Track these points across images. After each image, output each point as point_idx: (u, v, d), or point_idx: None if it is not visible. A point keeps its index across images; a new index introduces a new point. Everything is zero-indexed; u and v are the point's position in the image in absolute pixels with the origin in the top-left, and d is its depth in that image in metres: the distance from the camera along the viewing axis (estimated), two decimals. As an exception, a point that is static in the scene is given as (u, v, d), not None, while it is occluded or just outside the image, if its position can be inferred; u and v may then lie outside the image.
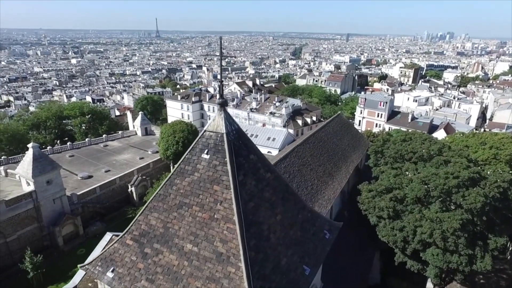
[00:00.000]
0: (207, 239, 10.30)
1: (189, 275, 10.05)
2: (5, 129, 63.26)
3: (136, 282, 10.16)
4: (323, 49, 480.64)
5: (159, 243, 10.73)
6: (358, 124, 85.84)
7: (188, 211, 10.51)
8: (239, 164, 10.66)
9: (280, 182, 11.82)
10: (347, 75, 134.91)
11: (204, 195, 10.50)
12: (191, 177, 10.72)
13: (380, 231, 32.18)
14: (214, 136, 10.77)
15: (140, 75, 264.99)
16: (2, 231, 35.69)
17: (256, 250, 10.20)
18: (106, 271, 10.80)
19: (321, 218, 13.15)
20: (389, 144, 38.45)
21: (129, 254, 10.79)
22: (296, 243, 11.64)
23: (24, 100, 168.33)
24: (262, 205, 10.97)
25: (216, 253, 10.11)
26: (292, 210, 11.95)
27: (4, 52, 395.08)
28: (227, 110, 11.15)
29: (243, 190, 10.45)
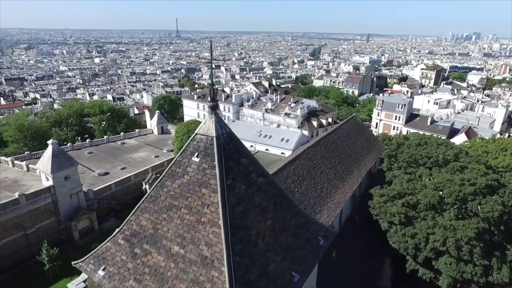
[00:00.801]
0: (193, 242, 10.30)
1: (174, 277, 10.15)
2: (30, 125, 65.87)
3: (125, 281, 10.38)
4: (342, 50, 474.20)
5: (149, 243, 10.86)
6: (375, 127, 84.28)
7: (177, 213, 10.62)
8: (228, 168, 10.60)
9: (273, 187, 11.73)
10: (365, 76, 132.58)
11: (193, 198, 10.54)
12: (181, 179, 10.83)
13: (391, 237, 31.51)
14: (204, 139, 10.83)
15: (160, 74, 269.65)
16: (22, 224, 37.25)
17: (241, 255, 10.11)
18: (98, 269, 11.09)
19: (316, 224, 12.99)
20: (404, 148, 37.57)
21: (120, 254, 11.04)
22: (287, 249, 11.50)
23: (49, 97, 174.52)
24: (252, 210, 10.87)
25: (201, 257, 10.11)
26: (285, 215, 11.83)
27: (33, 51, 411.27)
28: (218, 114, 11.20)
29: (231, 194, 10.39)
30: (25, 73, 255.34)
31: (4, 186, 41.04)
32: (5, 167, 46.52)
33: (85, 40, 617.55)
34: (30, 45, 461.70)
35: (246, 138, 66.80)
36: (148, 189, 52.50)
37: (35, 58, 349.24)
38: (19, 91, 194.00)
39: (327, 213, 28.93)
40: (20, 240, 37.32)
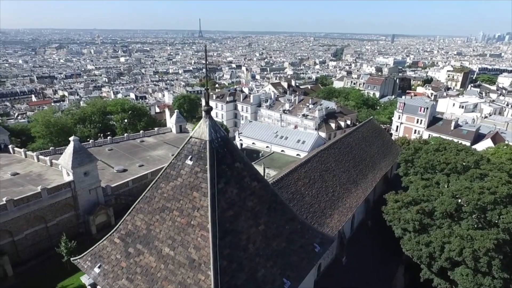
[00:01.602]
0: (182, 245, 10.43)
1: (164, 278, 10.32)
2: (55, 122, 68.82)
3: (118, 280, 10.67)
4: (365, 51, 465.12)
5: (142, 244, 11.11)
6: (396, 130, 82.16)
7: (169, 215, 10.80)
8: (221, 172, 10.65)
9: (267, 192, 11.66)
10: (387, 78, 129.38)
11: (184, 200, 10.69)
12: (175, 182, 11.00)
13: (404, 244, 30.67)
14: (198, 143, 10.94)
15: (182, 73, 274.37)
16: (43, 216, 38.94)
17: (229, 259, 10.10)
18: (94, 266, 11.47)
19: (313, 231, 12.80)
20: (421, 153, 36.41)
21: (115, 252, 11.35)
22: (279, 255, 11.40)
23: (77, 95, 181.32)
24: (243, 214, 10.86)
25: (189, 259, 10.20)
26: (279, 220, 11.74)
27: (63, 50, 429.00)
28: (213, 118, 11.28)
29: (222, 198, 10.43)
30: (55, 71, 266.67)
31: (29, 179, 43.02)
32: (31, 161, 48.75)
33: (112, 40, 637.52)
34: (61, 45, 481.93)
35: (262, 138, 66.96)
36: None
37: (65, 57, 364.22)
38: (49, 89, 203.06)
39: (338, 217, 28.49)
40: (42, 232, 39.02)
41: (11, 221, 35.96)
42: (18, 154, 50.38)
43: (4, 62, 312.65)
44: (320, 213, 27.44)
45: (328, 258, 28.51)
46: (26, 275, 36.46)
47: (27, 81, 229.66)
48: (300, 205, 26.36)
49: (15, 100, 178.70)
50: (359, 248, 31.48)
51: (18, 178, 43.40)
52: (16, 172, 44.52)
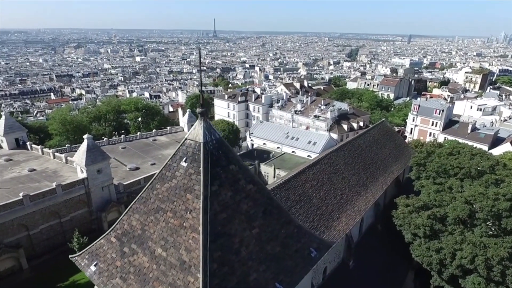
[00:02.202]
0: (174, 246, 10.49)
1: (155, 278, 10.43)
2: (71, 120, 70.55)
3: (112, 278, 10.85)
4: (381, 51, 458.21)
5: (136, 244, 11.24)
6: (410, 132, 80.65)
7: (163, 216, 10.90)
8: (215, 174, 10.66)
9: (263, 195, 11.60)
10: (402, 79, 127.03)
11: (178, 202, 10.76)
12: (170, 183, 11.09)
13: (414, 250, 30.12)
14: (193, 145, 10.97)
15: (196, 73, 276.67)
16: (58, 212, 40.05)
17: (220, 262, 10.08)
18: (91, 264, 11.71)
19: (310, 235, 12.66)
20: (434, 157, 35.63)
21: (111, 251, 11.55)
22: (272, 259, 11.32)
23: (93, 93, 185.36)
24: (237, 217, 10.84)
25: (180, 261, 10.25)
26: (274, 224, 11.65)
27: (81, 50, 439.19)
28: (207, 119, 11.30)
29: (215, 200, 10.43)
30: (73, 70, 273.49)
31: (45, 176, 44.30)
32: (47, 158, 50.16)
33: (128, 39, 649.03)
34: (79, 44, 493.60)
35: (273, 139, 66.89)
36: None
37: (83, 56, 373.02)
38: (67, 87, 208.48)
39: (346, 220, 28.21)
40: (56, 227, 40.15)
41: (27, 215, 37.17)
42: (35, 150, 51.92)
43: (25, 61, 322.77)
44: (327, 216, 27.24)
45: (335, 261, 28.28)
46: (40, 268, 37.57)
47: (47, 80, 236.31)
48: (307, 208, 26.24)
49: (35, 98, 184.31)
50: (367, 252, 31.08)
51: (35, 174, 44.76)
52: (33, 168, 45.91)
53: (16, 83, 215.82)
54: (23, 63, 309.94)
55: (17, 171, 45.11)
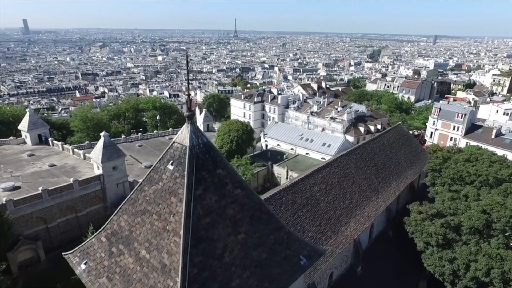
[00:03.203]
0: (157, 249, 10.58)
1: (138, 280, 10.57)
2: (92, 117, 72.85)
3: (99, 277, 11.10)
4: (404, 52, 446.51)
5: (123, 244, 11.43)
6: (430, 136, 78.19)
7: (149, 218, 11.02)
8: (200, 178, 10.68)
9: (251, 200, 11.49)
10: (424, 81, 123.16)
11: (163, 205, 10.84)
12: (157, 185, 11.21)
13: (426, 259, 29.23)
14: (180, 148, 11.03)
15: (215, 73, 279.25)
16: (74, 207, 41.48)
17: (201, 267, 10.08)
18: (81, 262, 12.04)
19: (301, 243, 12.43)
20: (450, 163, 34.36)
21: (100, 251, 11.83)
22: (258, 265, 11.22)
23: (115, 92, 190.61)
24: (221, 222, 10.83)
25: (161, 264, 10.33)
26: (262, 230, 11.52)
27: (106, 49, 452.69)
28: (195, 123, 11.33)
29: (199, 204, 10.45)
30: (98, 69, 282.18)
31: (64, 171, 45.96)
32: (67, 154, 52.01)
33: (151, 39, 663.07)
34: (104, 44, 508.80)
35: (287, 140, 66.59)
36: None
37: (107, 55, 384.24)
38: (91, 85, 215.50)
39: (354, 225, 27.70)
40: (72, 221, 41.59)
41: (45, 209, 38.68)
42: (56, 146, 53.95)
43: (54, 59, 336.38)
44: (335, 220, 26.85)
45: (342, 267, 27.83)
46: (56, 260, 38.88)
47: (73, 78, 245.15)
48: (314, 211, 25.96)
49: (61, 95, 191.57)
50: (377, 259, 30.39)
51: (54, 169, 46.51)
52: (53, 164, 47.71)
53: (44, 81, 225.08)
54: (52, 61, 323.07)
55: (38, 166, 47.02)
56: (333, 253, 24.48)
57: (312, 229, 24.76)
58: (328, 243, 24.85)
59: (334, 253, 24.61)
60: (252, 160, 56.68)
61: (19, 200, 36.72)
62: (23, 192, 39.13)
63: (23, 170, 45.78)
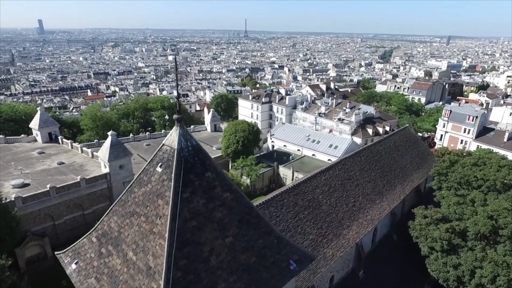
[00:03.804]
0: (143, 251, 10.64)
1: (124, 281, 10.64)
2: (101, 116, 73.86)
3: (88, 278, 11.22)
4: (417, 53, 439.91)
5: (112, 245, 11.53)
6: (440, 139, 76.86)
7: (137, 220, 11.13)
8: (187, 181, 10.72)
9: (240, 203, 11.44)
10: (435, 83, 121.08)
11: (150, 207, 10.92)
12: (145, 187, 11.26)
13: (430, 264, 28.75)
14: (168, 151, 11.04)
15: (225, 73, 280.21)
16: (81, 204, 42.15)
17: (185, 270, 10.07)
18: (72, 262, 12.17)
19: (291, 247, 12.30)
20: (457, 166, 33.70)
21: (90, 251, 11.94)
22: (245, 269, 11.18)
23: (126, 91, 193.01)
24: (208, 225, 10.85)
25: (147, 266, 10.38)
26: (251, 234, 11.58)
27: (118, 49, 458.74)
28: (184, 126, 11.33)
29: (185, 207, 10.48)
30: (109, 68, 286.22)
31: (72, 169, 46.75)
32: (76, 152, 52.88)
33: (162, 39, 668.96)
34: (116, 43, 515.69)
35: (293, 141, 66.36)
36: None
37: (119, 55, 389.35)
38: (102, 84, 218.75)
39: (357, 229, 27.44)
40: (79, 219, 42.26)
41: (53, 206, 39.40)
42: (65, 145, 54.89)
43: (67, 59, 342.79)
44: (337, 223, 26.64)
45: (343, 270, 27.59)
46: (63, 257, 39.78)
47: (85, 77, 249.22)
48: (315, 214, 25.81)
49: (73, 94, 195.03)
50: (380, 263, 30.04)
51: (63, 167, 47.33)
52: (62, 162, 48.54)
53: (58, 80, 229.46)
54: (65, 61, 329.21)
55: (48, 163, 47.92)
56: (333, 256, 24.30)
57: (313, 232, 24.62)
58: (329, 246, 24.68)
59: (335, 256, 24.42)
60: (258, 160, 56.68)
61: (28, 197, 37.50)
62: (32, 189, 39.93)
63: (33, 167, 46.74)
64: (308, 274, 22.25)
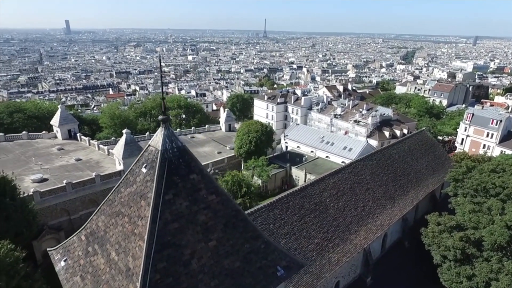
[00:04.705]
0: (125, 252, 10.61)
1: (106, 281, 10.65)
2: (120, 114, 75.72)
3: (74, 276, 11.33)
4: (441, 54, 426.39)
5: (98, 244, 11.59)
6: (460, 143, 74.11)
7: (121, 220, 11.14)
8: (170, 183, 10.62)
9: (227, 207, 11.23)
10: (458, 84, 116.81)
11: (134, 208, 10.89)
12: (131, 188, 11.25)
13: (442, 274, 27.71)
14: (153, 152, 11.03)
15: (243, 73, 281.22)
16: (96, 200, 43.20)
17: (164, 273, 9.97)
18: (62, 259, 12.33)
19: (279, 253, 11.96)
20: (474, 172, 32.31)
21: (79, 249, 12.07)
22: (228, 274, 10.96)
23: (146, 90, 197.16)
24: (191, 228, 10.70)
25: (126, 267, 10.35)
26: (237, 238, 11.40)
27: (140, 48, 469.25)
28: (169, 127, 11.28)
29: (167, 209, 10.38)
30: (131, 67, 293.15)
31: (88, 166, 48.14)
32: (93, 149, 54.43)
33: (183, 39, 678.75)
34: (138, 43, 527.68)
35: (307, 143, 65.72)
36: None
37: (141, 54, 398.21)
38: (124, 83, 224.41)
39: (365, 234, 26.79)
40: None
41: (69, 201, 40.70)
42: (83, 142, 56.60)
43: (91, 58, 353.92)
44: (344, 227, 26.12)
45: (350, 276, 27.01)
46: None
47: (108, 76, 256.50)
48: (322, 218, 25.41)
49: (96, 92, 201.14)
50: (389, 270, 29.22)
51: (80, 163, 48.83)
52: (79, 158, 50.09)
53: (82, 78, 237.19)
54: (89, 60, 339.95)
55: (66, 159, 49.56)
56: (339, 262, 23.83)
57: (318, 236, 24.24)
58: (335, 251, 24.22)
59: (341, 261, 23.94)
60: (270, 161, 56.46)
61: (45, 191, 38.88)
62: (50, 184, 41.40)
63: (52, 163, 48.45)
64: (311, 278, 21.92)
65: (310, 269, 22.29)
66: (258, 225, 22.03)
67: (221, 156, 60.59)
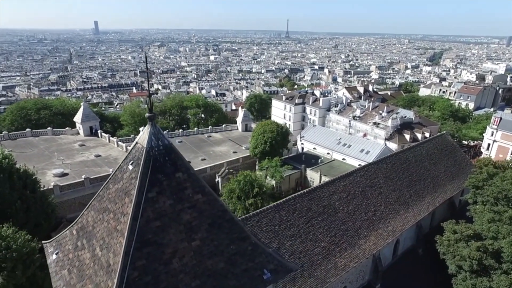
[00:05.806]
0: (107, 248, 10.69)
1: (89, 276, 10.78)
2: (139, 112, 77.60)
3: (62, 269, 11.55)
4: (470, 55, 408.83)
5: (86, 239, 11.76)
6: (487, 148, 70.73)
7: (107, 216, 11.25)
8: (154, 181, 10.61)
9: (213, 207, 11.09)
10: (487, 87, 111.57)
11: (119, 204, 10.96)
12: (118, 184, 11.31)
13: (457, 284, 26.53)
14: (140, 149, 11.04)
15: (264, 73, 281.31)
16: (113, 195, 44.56)
17: (143, 271, 9.93)
18: (54, 252, 12.65)
19: (267, 256, 11.67)
20: (496, 179, 30.70)
21: (70, 243, 12.30)
22: (211, 275, 10.80)
23: (168, 89, 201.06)
24: (174, 227, 10.63)
25: (107, 264, 10.42)
26: (222, 238, 11.25)
27: (163, 48, 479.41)
28: (156, 125, 11.23)
29: (150, 207, 10.36)
30: (154, 67, 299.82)
31: (107, 162, 49.68)
32: (112, 146, 56.17)
33: (205, 39, 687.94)
34: (162, 43, 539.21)
35: (324, 144, 64.82)
36: (220, 182, 56.06)
37: (164, 54, 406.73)
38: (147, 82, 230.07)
39: (375, 240, 26.05)
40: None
41: (87, 196, 42.00)
42: (104, 138, 58.47)
43: (117, 57, 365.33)
44: (353, 232, 25.53)
45: (357, 282, 26.35)
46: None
47: (132, 75, 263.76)
48: (330, 221, 24.94)
49: (120, 91, 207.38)
50: (400, 278, 28.29)
51: (99, 159, 50.50)
52: (99, 154, 51.79)
53: (107, 77, 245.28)
54: (116, 59, 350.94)
55: (86, 155, 51.40)
56: (346, 267, 23.30)
57: (325, 239, 23.82)
58: (342, 256, 23.71)
59: (347, 266, 23.40)
60: (285, 162, 56.04)
61: (65, 186, 40.48)
62: (69, 179, 43.07)
63: (73, 158, 50.40)
64: (316, 283, 21.56)
65: (315, 273, 21.93)
66: (263, 226, 21.94)
67: (236, 156, 60.85)
